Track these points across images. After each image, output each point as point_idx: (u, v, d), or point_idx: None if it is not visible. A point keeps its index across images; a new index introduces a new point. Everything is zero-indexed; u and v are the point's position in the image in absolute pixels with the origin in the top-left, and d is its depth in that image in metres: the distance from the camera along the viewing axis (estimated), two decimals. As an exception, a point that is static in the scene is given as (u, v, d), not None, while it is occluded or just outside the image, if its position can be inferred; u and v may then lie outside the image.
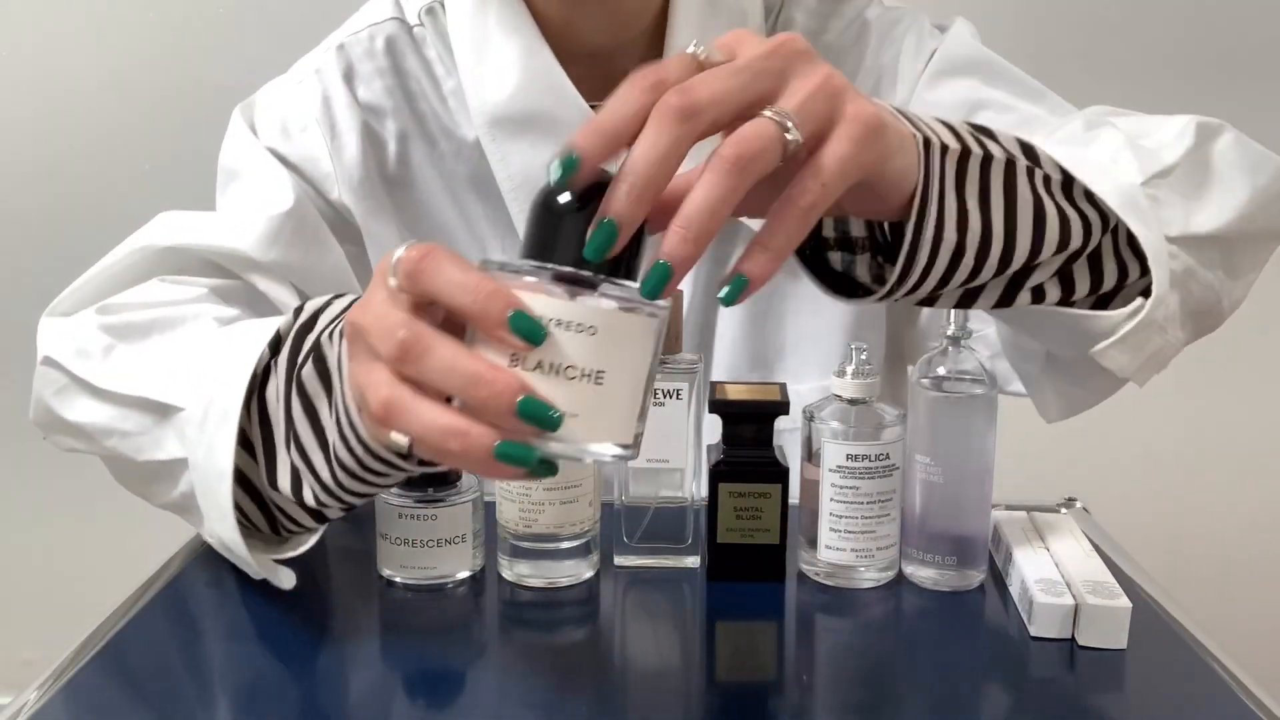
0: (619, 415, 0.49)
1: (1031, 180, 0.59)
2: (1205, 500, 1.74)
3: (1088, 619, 0.65)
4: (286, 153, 0.85)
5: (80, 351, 0.74)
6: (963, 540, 0.71)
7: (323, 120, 0.85)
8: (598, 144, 0.48)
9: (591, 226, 0.47)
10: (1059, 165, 0.60)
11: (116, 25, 1.60)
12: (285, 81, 0.88)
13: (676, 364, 0.72)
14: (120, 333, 0.75)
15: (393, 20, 0.87)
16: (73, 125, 1.63)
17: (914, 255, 0.55)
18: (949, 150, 0.56)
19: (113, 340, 0.74)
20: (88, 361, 0.74)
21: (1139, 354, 0.63)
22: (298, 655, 0.65)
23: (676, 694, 0.62)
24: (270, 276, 0.82)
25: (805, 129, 0.49)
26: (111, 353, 0.74)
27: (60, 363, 0.74)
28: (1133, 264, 0.63)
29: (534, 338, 0.46)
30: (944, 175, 0.56)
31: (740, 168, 0.48)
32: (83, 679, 0.62)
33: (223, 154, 0.87)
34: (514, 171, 0.85)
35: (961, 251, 0.56)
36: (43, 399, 0.76)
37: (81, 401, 0.74)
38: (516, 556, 0.72)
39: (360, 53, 0.87)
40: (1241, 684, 0.62)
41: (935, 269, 0.56)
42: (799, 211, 0.49)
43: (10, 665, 1.63)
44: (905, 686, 0.63)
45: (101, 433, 0.73)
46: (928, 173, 0.55)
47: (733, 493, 0.72)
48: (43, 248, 1.64)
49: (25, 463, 1.65)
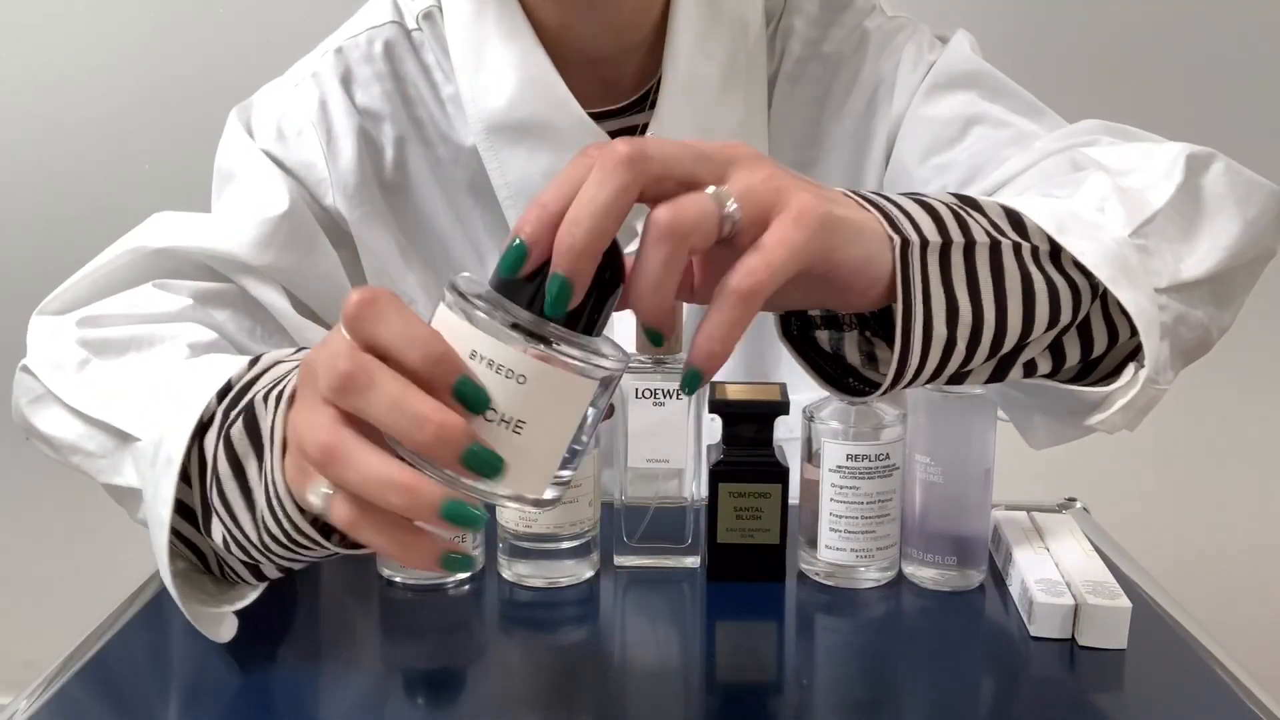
0: (532, 468, 0.47)
1: (1019, 257, 0.57)
2: (1206, 500, 1.75)
3: (1088, 619, 0.65)
4: (282, 157, 0.85)
5: (56, 365, 0.73)
6: (963, 540, 0.71)
7: (319, 125, 0.85)
8: (542, 231, 0.47)
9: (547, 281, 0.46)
10: (1046, 235, 0.59)
11: (116, 25, 1.60)
12: (282, 84, 0.88)
13: (676, 364, 0.72)
14: (97, 348, 0.74)
15: (391, 24, 0.87)
16: (72, 125, 1.63)
17: (906, 356, 0.54)
18: (929, 245, 0.54)
19: (88, 355, 0.73)
20: (62, 375, 0.73)
21: (1131, 413, 0.62)
22: (298, 655, 0.65)
23: (676, 694, 0.62)
24: (262, 280, 0.81)
25: (746, 212, 0.48)
26: (85, 368, 0.73)
27: (36, 373, 0.74)
28: (1123, 326, 0.63)
29: (478, 407, 0.45)
30: (927, 273, 0.54)
31: (674, 234, 0.47)
32: (78, 682, 0.62)
33: (219, 156, 0.87)
34: (511, 179, 0.84)
35: (953, 344, 0.55)
36: (19, 406, 0.76)
37: (52, 413, 0.73)
38: (516, 556, 0.72)
39: (358, 57, 0.86)
40: (1241, 684, 0.62)
41: (928, 364, 0.55)
42: (739, 296, 0.48)
43: (10, 665, 1.63)
44: (905, 686, 0.63)
45: (68, 448, 0.72)
46: (907, 272, 0.53)
47: (733, 493, 0.72)
48: (42, 248, 1.64)
49: (25, 463, 1.65)
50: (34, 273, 1.66)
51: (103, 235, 0.86)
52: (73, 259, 0.84)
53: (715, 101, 0.84)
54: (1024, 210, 0.59)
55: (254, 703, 0.60)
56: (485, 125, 0.83)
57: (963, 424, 0.70)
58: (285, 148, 0.85)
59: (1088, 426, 0.63)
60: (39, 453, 0.76)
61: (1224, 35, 1.58)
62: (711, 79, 0.84)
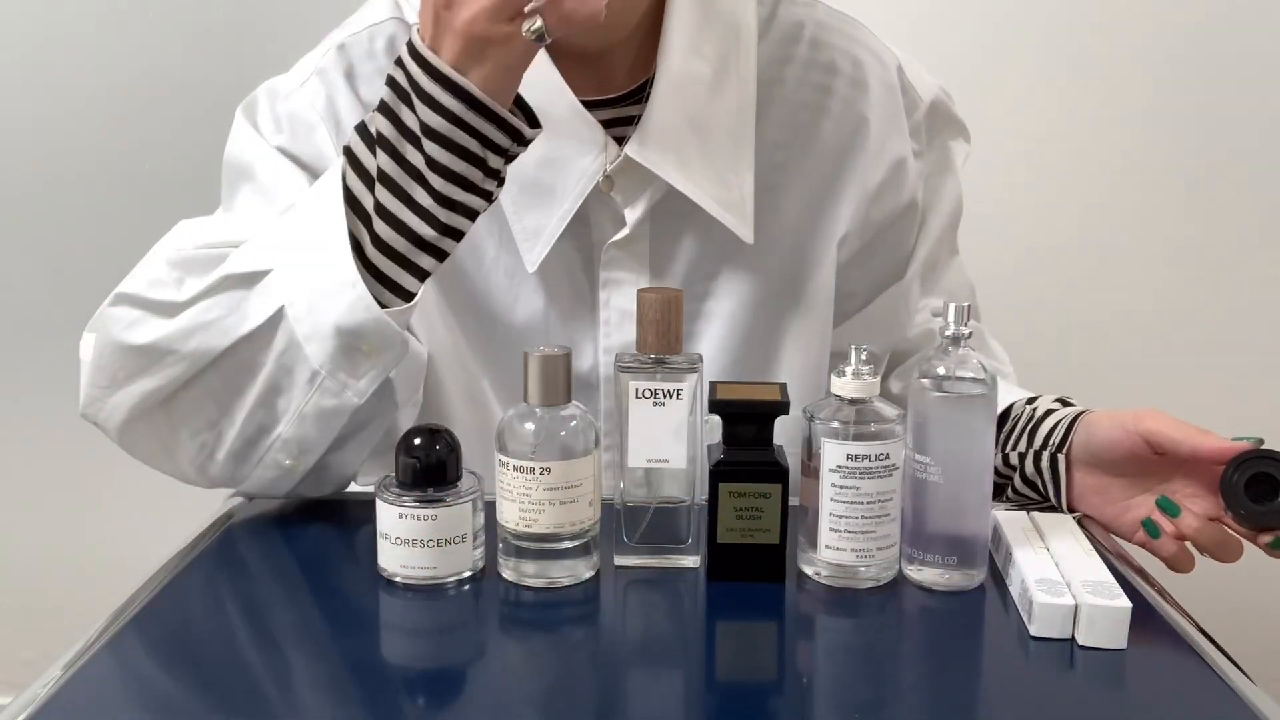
0: None
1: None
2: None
3: (1088, 619, 0.65)
4: (297, 152, 0.86)
5: (154, 281, 0.78)
6: (963, 540, 0.71)
7: (328, 119, 0.86)
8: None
9: None
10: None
11: (117, 24, 1.60)
12: (288, 82, 0.88)
13: (677, 364, 0.72)
14: (187, 267, 0.78)
15: (392, 20, 0.88)
16: (72, 125, 1.63)
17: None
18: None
19: (182, 274, 0.78)
20: (163, 289, 0.77)
21: None
22: (298, 655, 0.65)
23: (676, 694, 0.62)
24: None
25: None
26: (182, 285, 0.77)
27: (135, 294, 0.78)
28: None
29: None
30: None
31: None
32: (78, 682, 0.62)
33: (229, 153, 0.88)
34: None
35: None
36: (110, 338, 0.78)
37: (155, 323, 0.76)
38: (516, 556, 0.72)
39: (360, 53, 0.87)
40: (1241, 684, 0.62)
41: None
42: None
43: (10, 665, 1.63)
44: (905, 686, 0.63)
45: (180, 337, 0.75)
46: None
47: (733, 493, 0.72)
48: (42, 248, 1.64)
49: (25, 463, 1.65)
50: (34, 273, 1.67)
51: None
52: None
53: (706, 99, 0.86)
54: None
55: (254, 702, 0.60)
56: None
57: (963, 424, 0.70)
58: (299, 144, 0.86)
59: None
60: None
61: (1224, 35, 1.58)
62: (703, 77, 0.86)
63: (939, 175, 0.97)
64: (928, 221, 0.97)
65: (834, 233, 0.91)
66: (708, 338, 0.91)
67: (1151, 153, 1.59)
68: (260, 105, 0.88)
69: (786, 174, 0.90)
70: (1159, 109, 1.58)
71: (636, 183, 0.86)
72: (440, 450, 0.72)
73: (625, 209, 0.87)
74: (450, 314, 0.90)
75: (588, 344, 0.91)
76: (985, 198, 0.98)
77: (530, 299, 0.89)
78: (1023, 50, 1.57)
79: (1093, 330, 1.62)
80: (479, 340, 0.90)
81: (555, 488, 0.70)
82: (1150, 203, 1.60)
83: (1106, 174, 1.60)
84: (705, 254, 0.90)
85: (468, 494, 0.72)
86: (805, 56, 0.91)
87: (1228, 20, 1.56)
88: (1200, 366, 1.61)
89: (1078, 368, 1.56)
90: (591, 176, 0.85)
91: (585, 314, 0.90)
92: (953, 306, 0.70)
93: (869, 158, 0.91)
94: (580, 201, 0.85)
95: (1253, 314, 1.62)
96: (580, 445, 0.71)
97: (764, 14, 0.91)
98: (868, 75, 0.91)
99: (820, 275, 0.92)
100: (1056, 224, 1.60)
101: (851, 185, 0.91)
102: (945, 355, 0.71)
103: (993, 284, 1.05)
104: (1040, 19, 1.57)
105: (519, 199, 0.86)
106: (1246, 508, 0.75)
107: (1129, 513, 0.82)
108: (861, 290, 0.96)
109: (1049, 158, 1.59)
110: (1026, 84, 1.58)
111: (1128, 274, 1.61)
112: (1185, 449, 0.77)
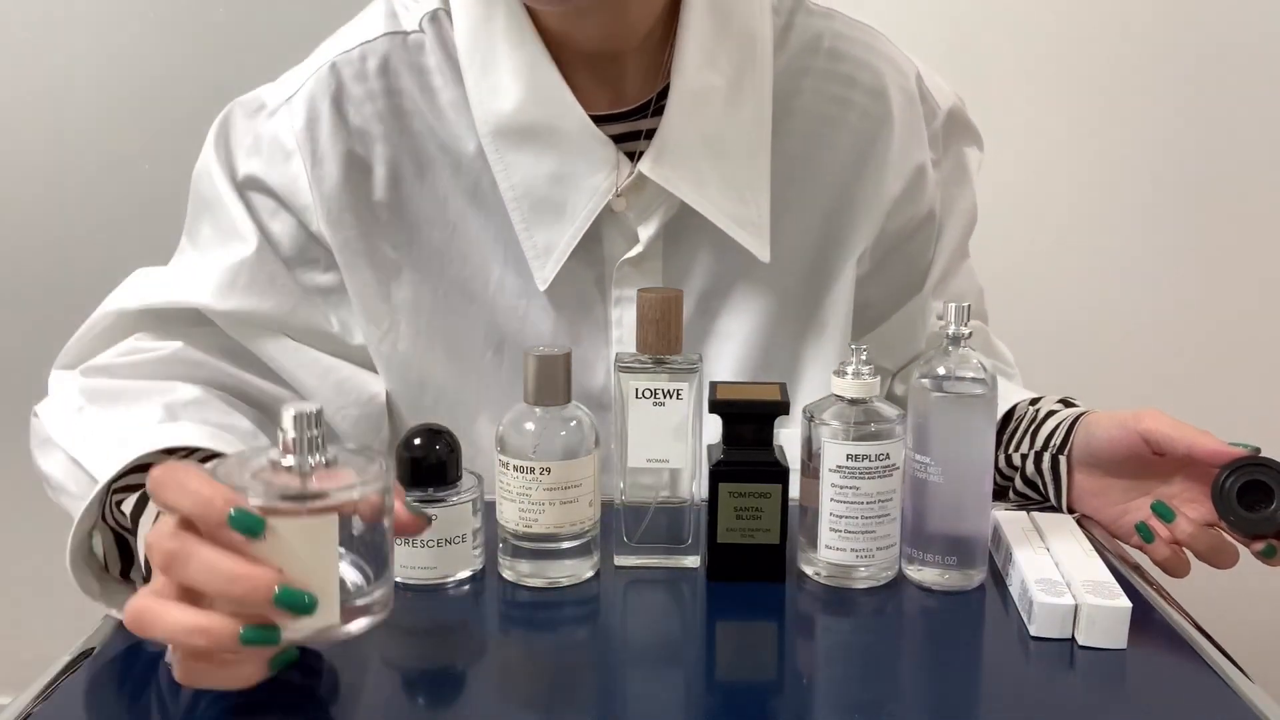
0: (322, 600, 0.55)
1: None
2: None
3: (1088, 619, 0.65)
4: (270, 181, 0.85)
5: (58, 410, 0.81)
6: (963, 540, 0.71)
7: (304, 148, 0.84)
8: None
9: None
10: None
11: (116, 24, 1.60)
12: (274, 96, 0.87)
13: (677, 364, 0.72)
14: (92, 396, 0.81)
15: (385, 37, 0.85)
16: (72, 125, 1.63)
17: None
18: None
19: (84, 402, 0.81)
20: (61, 419, 0.80)
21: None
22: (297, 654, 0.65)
23: (676, 694, 0.62)
24: (235, 324, 0.86)
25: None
26: (81, 414, 0.80)
27: (42, 418, 0.82)
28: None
29: (254, 531, 0.54)
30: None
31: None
32: (78, 682, 0.62)
33: (196, 175, 0.88)
34: (516, 181, 0.84)
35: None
36: (32, 448, 0.83)
37: (53, 455, 0.80)
38: (516, 556, 0.72)
39: (351, 74, 0.85)
40: (1241, 684, 0.62)
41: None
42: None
43: (10, 665, 1.63)
44: (905, 686, 0.63)
45: (58, 487, 0.79)
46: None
47: (733, 493, 0.72)
48: (42, 248, 1.63)
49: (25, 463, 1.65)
50: (34, 273, 1.67)
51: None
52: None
53: (721, 113, 0.84)
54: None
55: (253, 702, 0.60)
56: (491, 128, 0.83)
57: (963, 424, 0.70)
58: (273, 171, 0.85)
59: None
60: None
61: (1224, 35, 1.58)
62: (718, 89, 0.84)
63: (955, 184, 0.96)
64: (944, 232, 0.96)
65: (852, 246, 0.90)
66: (724, 357, 0.90)
67: (1152, 153, 1.59)
68: (237, 123, 0.87)
69: (804, 188, 0.89)
70: (1159, 109, 1.58)
71: (650, 199, 0.85)
72: (440, 450, 0.72)
73: (638, 226, 0.86)
74: (455, 342, 0.88)
75: (599, 363, 0.89)
76: (985, 197, 0.98)
77: (539, 318, 0.88)
78: (1022, 50, 1.57)
79: (1093, 330, 1.62)
80: (487, 366, 0.89)
81: (555, 488, 0.70)
82: (1151, 203, 1.60)
83: (1107, 174, 1.60)
84: (720, 271, 0.89)
85: (467, 494, 0.71)
86: (823, 68, 0.88)
87: (1228, 20, 1.56)
88: (1200, 367, 1.61)
89: (1078, 368, 1.56)
90: (604, 194, 0.83)
91: (597, 332, 0.89)
92: (953, 306, 0.70)
93: (889, 169, 0.89)
94: (591, 220, 0.84)
95: (1253, 314, 1.62)
96: (580, 445, 0.71)
97: (780, 24, 0.88)
98: (888, 85, 0.89)
99: (838, 291, 0.90)
100: (1057, 224, 1.61)
101: (870, 197, 0.90)
102: (945, 355, 0.71)
103: (993, 284, 1.05)
104: (1040, 19, 1.57)
105: (530, 216, 0.84)
106: (1238, 515, 0.75)
107: (1127, 515, 0.82)
108: (878, 301, 0.95)
109: (1049, 158, 1.60)
110: (1026, 84, 1.58)
111: (1128, 274, 1.62)
112: (1182, 448, 0.77)
